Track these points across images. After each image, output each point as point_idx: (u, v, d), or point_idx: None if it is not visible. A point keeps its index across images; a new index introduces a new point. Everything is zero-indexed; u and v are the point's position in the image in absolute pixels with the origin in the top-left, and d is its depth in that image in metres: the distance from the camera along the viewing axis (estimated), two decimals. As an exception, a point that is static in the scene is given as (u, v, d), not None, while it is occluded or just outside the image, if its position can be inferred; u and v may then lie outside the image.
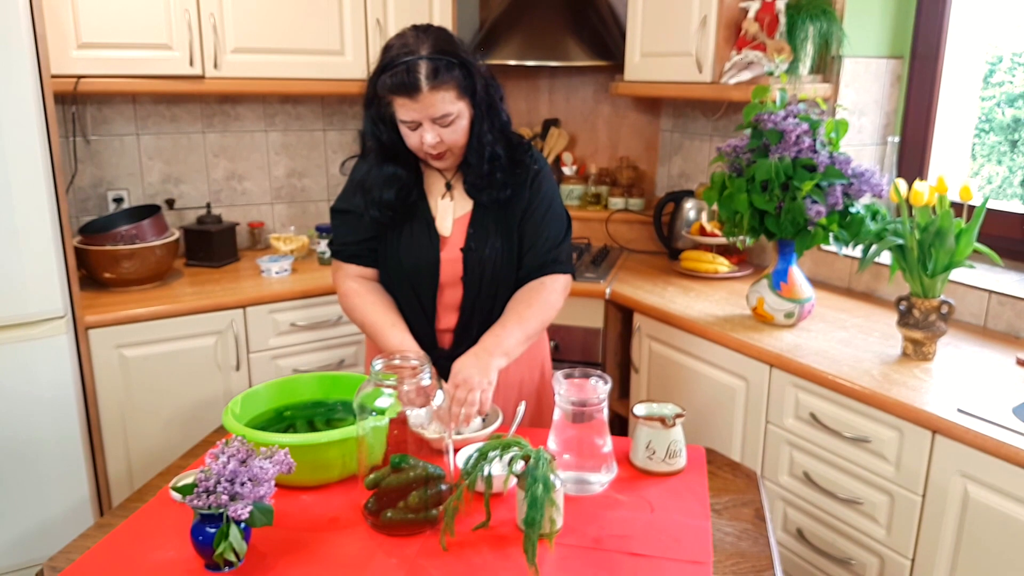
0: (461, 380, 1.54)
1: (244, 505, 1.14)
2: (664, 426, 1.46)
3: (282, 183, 3.15)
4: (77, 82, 2.36)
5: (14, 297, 2.07)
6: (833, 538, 1.95)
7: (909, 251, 1.88)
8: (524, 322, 1.68)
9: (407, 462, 1.29)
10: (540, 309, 1.72)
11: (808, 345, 2.05)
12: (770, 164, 2.00)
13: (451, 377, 1.56)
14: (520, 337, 1.67)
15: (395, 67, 1.53)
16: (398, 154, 1.68)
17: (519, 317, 1.69)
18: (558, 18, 3.10)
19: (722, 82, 2.51)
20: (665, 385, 2.44)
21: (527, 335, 1.69)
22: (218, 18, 2.54)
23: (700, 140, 3.09)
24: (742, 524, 1.35)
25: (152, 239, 2.53)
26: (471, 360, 1.58)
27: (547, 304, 1.73)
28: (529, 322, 1.69)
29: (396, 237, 1.73)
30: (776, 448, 2.07)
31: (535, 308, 1.71)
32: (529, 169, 1.73)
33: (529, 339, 1.71)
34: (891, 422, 1.76)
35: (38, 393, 2.14)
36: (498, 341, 1.63)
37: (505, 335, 1.65)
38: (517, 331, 1.66)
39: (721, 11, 2.50)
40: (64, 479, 2.23)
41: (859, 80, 2.59)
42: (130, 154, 2.84)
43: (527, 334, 1.69)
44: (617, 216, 3.20)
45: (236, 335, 2.51)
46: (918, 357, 1.95)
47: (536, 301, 1.72)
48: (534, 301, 1.72)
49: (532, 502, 1.18)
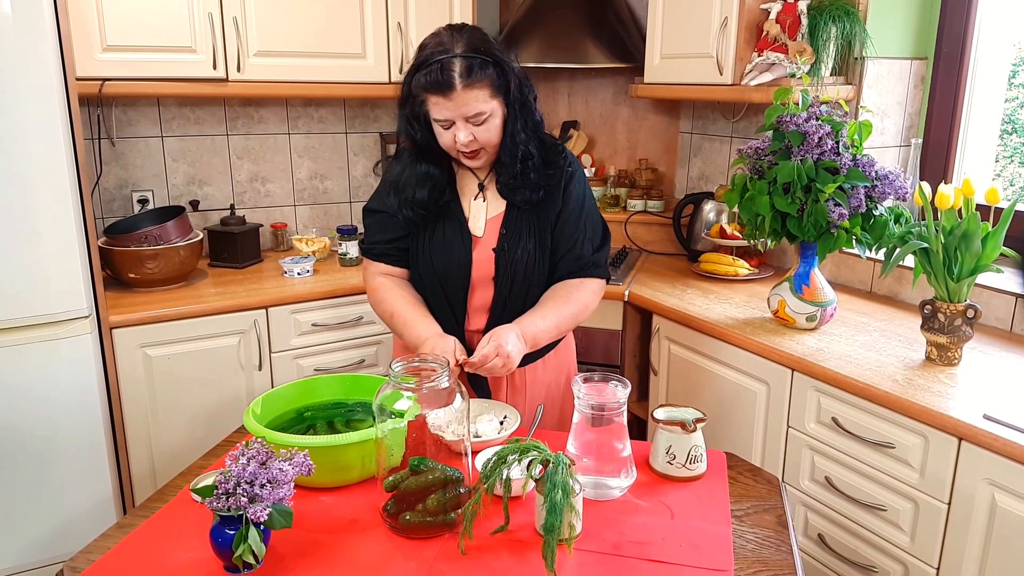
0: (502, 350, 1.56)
1: (263, 507, 1.14)
2: (685, 431, 1.45)
3: (304, 185, 3.17)
4: (102, 85, 2.39)
5: (40, 296, 2.10)
6: (856, 544, 1.93)
7: (934, 255, 1.85)
8: (561, 317, 1.70)
9: (426, 464, 1.29)
10: (577, 307, 1.74)
11: (830, 349, 2.03)
12: (792, 166, 1.98)
13: (492, 336, 1.58)
14: (553, 332, 1.70)
15: (429, 65, 1.54)
16: (432, 153, 1.69)
17: (558, 312, 1.70)
18: (578, 20, 3.09)
19: (743, 84, 2.49)
20: (684, 388, 2.43)
21: (560, 331, 1.72)
22: (241, 22, 2.56)
23: (720, 142, 3.07)
24: (764, 531, 1.34)
25: (176, 240, 2.55)
26: (516, 340, 1.59)
27: (584, 304, 1.75)
28: (564, 318, 1.71)
29: (428, 237, 1.74)
30: (797, 452, 2.05)
31: (573, 305, 1.73)
32: (563, 171, 1.73)
33: (560, 334, 1.73)
34: (916, 428, 1.74)
35: (63, 391, 2.17)
36: (535, 332, 1.65)
37: (544, 326, 1.67)
38: (552, 324, 1.69)
39: (742, 13, 2.48)
40: (88, 477, 2.25)
41: (882, 81, 2.56)
42: (155, 156, 2.87)
43: (560, 329, 1.72)
44: (636, 218, 3.19)
45: (259, 335, 2.52)
46: (943, 362, 1.92)
47: (575, 298, 1.74)
48: (573, 298, 1.73)
49: (551, 507, 1.17)
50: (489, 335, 1.60)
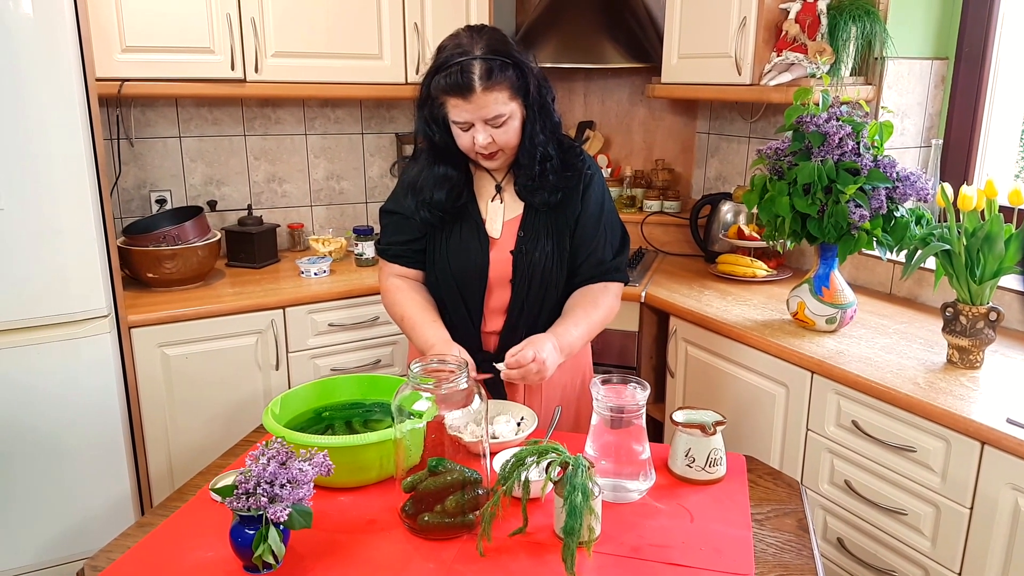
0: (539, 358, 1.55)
1: (283, 507, 1.14)
2: (704, 434, 1.44)
3: (321, 185, 3.18)
4: (121, 85, 2.41)
5: (59, 296, 2.11)
6: (876, 549, 1.91)
7: (956, 256, 1.83)
8: (591, 324, 1.71)
9: (444, 465, 1.29)
10: (604, 313, 1.74)
11: (850, 351, 2.01)
12: (812, 167, 1.96)
13: (530, 344, 1.57)
14: (584, 339, 1.71)
15: (449, 67, 1.53)
16: (450, 155, 1.68)
17: (588, 319, 1.71)
18: (594, 20, 3.09)
19: (762, 84, 2.47)
20: (702, 390, 2.41)
21: (590, 337, 1.74)
22: (259, 23, 2.56)
23: (738, 142, 3.06)
24: (784, 535, 1.33)
25: (194, 240, 2.57)
26: (553, 350, 1.59)
27: (610, 309, 1.76)
28: (594, 325, 1.72)
29: (445, 238, 1.73)
30: (816, 456, 2.03)
31: (601, 311, 1.73)
32: (581, 173, 1.72)
33: (589, 340, 1.75)
34: (937, 431, 1.72)
35: (82, 390, 2.19)
36: (570, 341, 1.65)
37: (577, 334, 1.67)
38: (584, 331, 1.69)
39: (761, 13, 2.47)
40: (106, 475, 2.27)
41: (902, 81, 2.53)
42: (173, 156, 2.89)
43: (590, 336, 1.73)
44: (652, 219, 3.18)
45: (276, 335, 2.53)
46: (964, 365, 1.90)
47: (602, 304, 1.74)
48: (600, 303, 1.74)
49: (571, 511, 1.16)
50: (526, 342, 1.59)
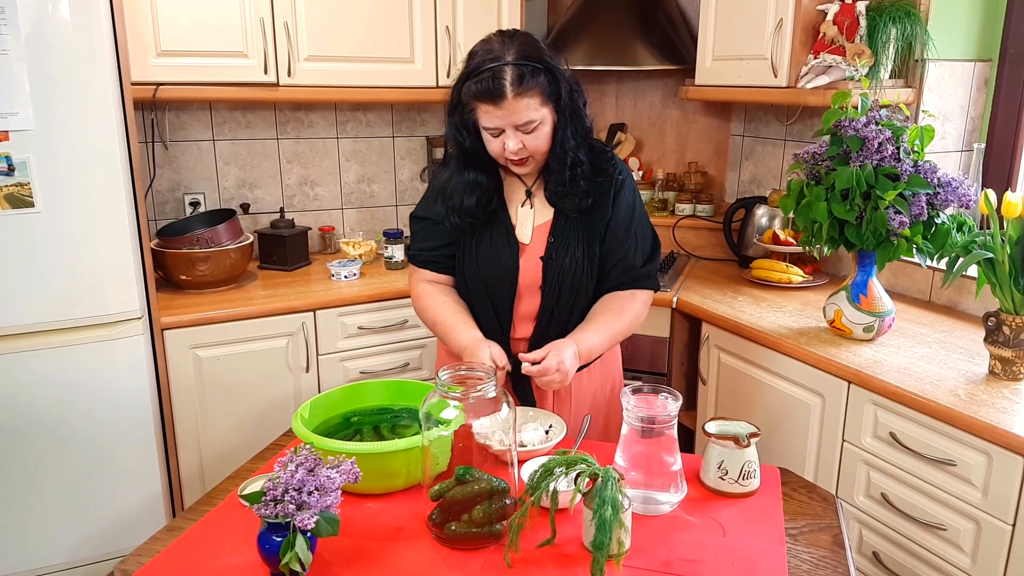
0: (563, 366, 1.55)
1: (311, 515, 1.14)
2: (738, 446, 1.41)
3: (352, 189, 3.19)
4: (156, 89, 2.43)
5: (94, 297, 2.14)
6: (913, 564, 1.86)
7: (999, 264, 1.78)
8: (614, 331, 1.70)
9: (472, 474, 1.27)
10: (629, 321, 1.73)
11: (888, 361, 1.96)
12: (851, 172, 1.92)
13: (553, 350, 1.57)
14: (606, 346, 1.70)
15: (480, 73, 1.52)
16: (480, 160, 1.67)
17: (611, 326, 1.69)
18: (627, 22, 3.06)
19: (798, 87, 2.43)
20: (734, 398, 2.37)
21: (612, 344, 1.72)
22: (292, 27, 2.58)
23: (773, 145, 3.01)
24: (819, 551, 1.29)
25: (227, 243, 2.58)
26: (573, 357, 1.58)
27: (635, 317, 1.74)
28: (617, 332, 1.71)
29: (475, 244, 1.72)
30: (852, 467, 1.99)
31: (626, 319, 1.72)
32: (613, 179, 1.70)
33: (611, 347, 1.73)
34: (978, 445, 1.67)
35: (115, 391, 2.21)
36: (589, 348, 1.64)
37: (597, 341, 1.66)
38: (606, 339, 1.68)
39: (798, 14, 2.42)
40: (138, 476, 2.29)
41: (943, 84, 2.47)
42: (206, 159, 2.91)
43: (613, 343, 1.72)
44: (685, 222, 3.14)
45: (306, 337, 2.54)
46: (1007, 377, 1.84)
47: (627, 311, 1.72)
48: (626, 311, 1.72)
49: (600, 524, 1.14)
50: (549, 347, 1.58)
